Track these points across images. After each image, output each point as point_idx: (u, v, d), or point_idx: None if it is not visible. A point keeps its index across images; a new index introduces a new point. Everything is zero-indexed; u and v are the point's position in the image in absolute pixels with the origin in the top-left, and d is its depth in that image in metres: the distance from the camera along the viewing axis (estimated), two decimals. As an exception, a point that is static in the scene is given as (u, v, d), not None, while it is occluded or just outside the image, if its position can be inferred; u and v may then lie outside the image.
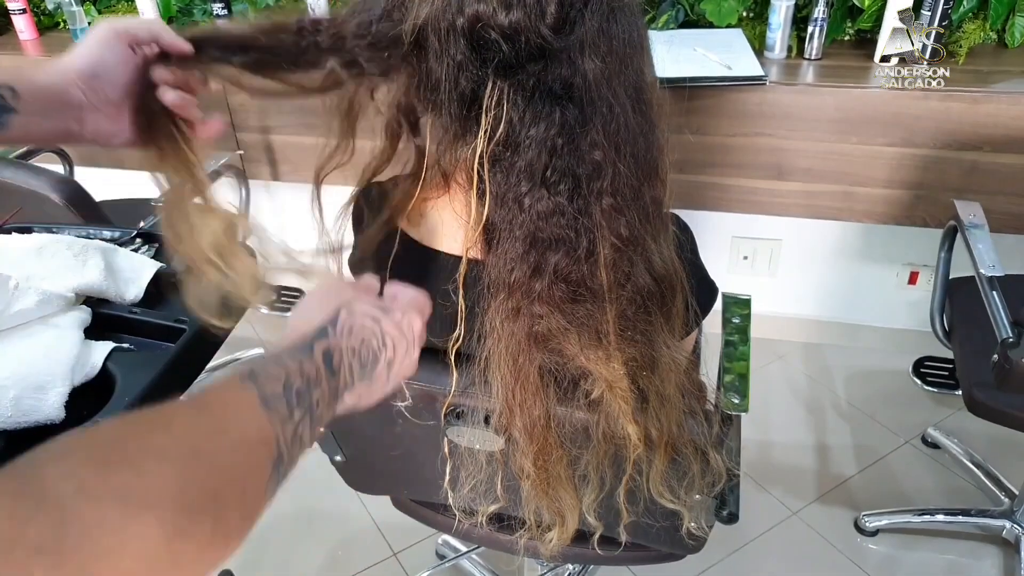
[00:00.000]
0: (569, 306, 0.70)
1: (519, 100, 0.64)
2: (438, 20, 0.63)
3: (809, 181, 1.65)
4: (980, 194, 1.55)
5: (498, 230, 0.69)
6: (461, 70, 0.64)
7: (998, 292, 1.28)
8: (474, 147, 0.67)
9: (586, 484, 0.82)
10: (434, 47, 0.64)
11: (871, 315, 2.15)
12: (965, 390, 1.38)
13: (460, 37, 0.63)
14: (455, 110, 0.66)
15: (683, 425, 0.78)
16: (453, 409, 0.80)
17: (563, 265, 0.68)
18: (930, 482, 1.78)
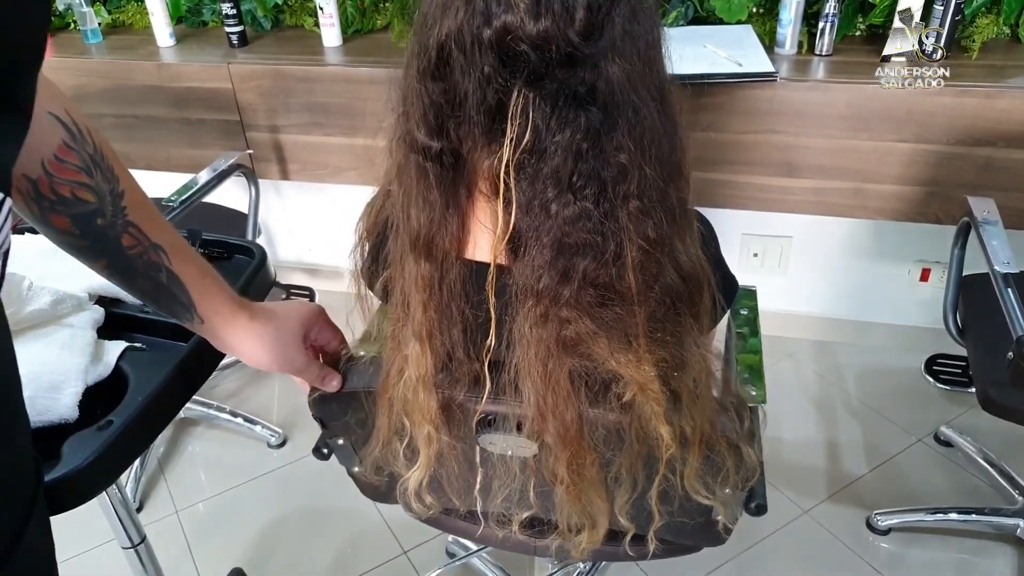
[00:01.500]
0: (598, 310, 0.70)
1: (545, 107, 0.64)
2: (462, 34, 0.62)
3: (820, 178, 1.64)
4: (994, 190, 1.53)
5: (524, 237, 0.69)
6: (488, 82, 0.63)
7: (1013, 289, 1.27)
8: (499, 156, 0.66)
9: (618, 486, 0.82)
10: (459, 62, 0.64)
11: (882, 312, 2.14)
12: (979, 388, 1.37)
13: (488, 49, 0.62)
14: (481, 121, 0.66)
15: (715, 422, 0.78)
16: (485, 417, 0.79)
17: (591, 270, 0.68)
18: (943, 481, 1.77)
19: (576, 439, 0.76)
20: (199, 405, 1.99)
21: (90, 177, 0.61)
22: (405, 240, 0.73)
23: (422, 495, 0.88)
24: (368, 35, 2.04)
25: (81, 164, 0.61)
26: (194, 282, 0.73)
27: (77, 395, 0.88)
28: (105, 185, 0.63)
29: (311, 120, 1.91)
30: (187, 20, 2.17)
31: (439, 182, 0.70)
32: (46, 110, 0.58)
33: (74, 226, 0.63)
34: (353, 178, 1.98)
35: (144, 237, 0.67)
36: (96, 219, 0.63)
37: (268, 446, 1.93)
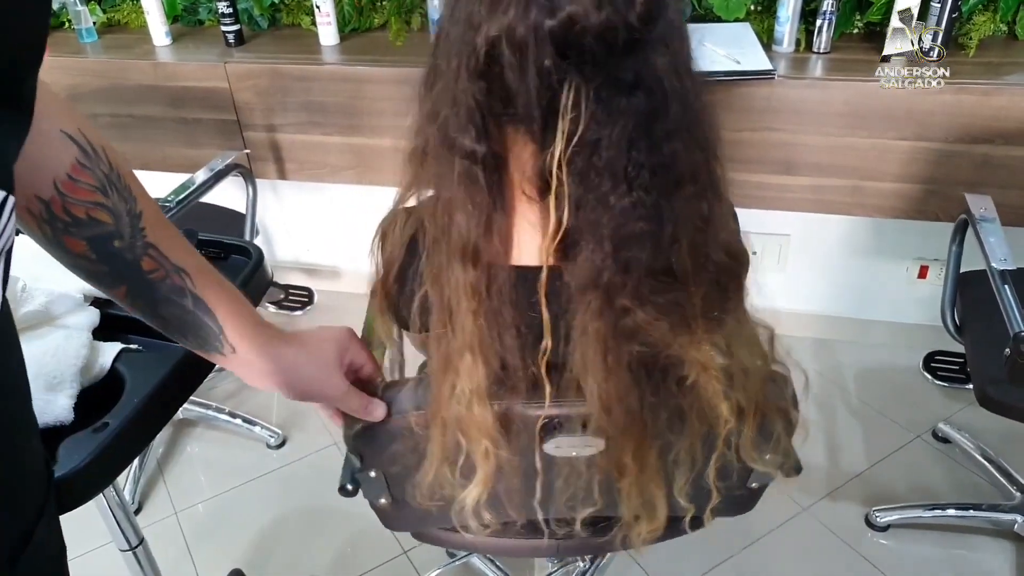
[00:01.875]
0: (658, 296, 0.71)
1: (598, 98, 0.64)
2: (516, 30, 0.62)
3: (818, 176, 1.64)
4: (992, 187, 1.53)
5: (579, 233, 0.69)
6: (542, 76, 0.63)
7: (1010, 286, 1.27)
8: (550, 152, 0.66)
9: (677, 468, 0.83)
10: (510, 59, 0.63)
11: (881, 310, 2.14)
12: (977, 385, 1.37)
13: (547, 42, 0.61)
14: (530, 119, 0.66)
15: (767, 391, 0.80)
16: (548, 422, 0.79)
17: (650, 258, 0.69)
18: (941, 477, 1.77)
19: (641, 429, 0.77)
20: (198, 406, 1.99)
21: (106, 197, 0.58)
22: (451, 249, 0.71)
23: (480, 512, 0.84)
24: (365, 33, 2.03)
25: (96, 183, 0.58)
26: (221, 306, 0.67)
27: (72, 397, 0.88)
28: (122, 205, 0.59)
29: (308, 119, 1.90)
30: (183, 19, 2.17)
31: (488, 186, 0.69)
32: (58, 128, 0.56)
33: (90, 249, 0.59)
34: (351, 177, 1.97)
35: (165, 260, 0.63)
36: (113, 241, 0.60)
37: (267, 447, 1.93)
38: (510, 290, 0.73)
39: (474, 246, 0.70)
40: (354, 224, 2.40)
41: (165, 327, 0.67)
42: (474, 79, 0.65)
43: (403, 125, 2.07)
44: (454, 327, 0.73)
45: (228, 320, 0.68)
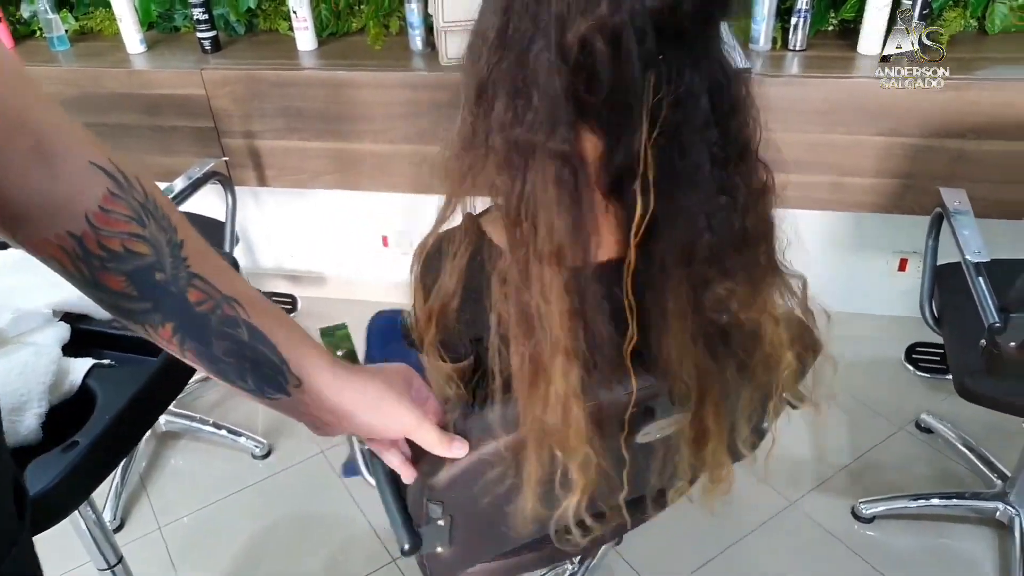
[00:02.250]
0: (736, 265, 0.75)
1: (679, 77, 0.65)
2: (611, 16, 0.62)
3: (798, 172, 1.65)
4: (966, 181, 1.55)
5: (664, 216, 0.70)
6: (633, 65, 0.64)
7: (984, 277, 1.28)
8: (635, 139, 0.66)
9: (743, 419, 0.87)
10: (603, 50, 0.63)
11: (863, 303, 2.16)
12: (956, 376, 1.38)
13: (643, 30, 0.62)
14: (614, 109, 0.67)
15: (806, 332, 0.85)
16: (636, 410, 0.79)
17: (731, 230, 0.73)
18: (925, 467, 1.79)
19: (722, 393, 0.80)
20: (181, 418, 1.98)
21: (142, 227, 0.54)
22: (539, 253, 0.70)
23: (583, 518, 0.82)
24: (343, 38, 2.02)
25: (131, 213, 0.53)
26: (280, 335, 0.61)
27: (40, 416, 0.87)
28: (161, 235, 0.55)
29: (287, 125, 1.89)
30: (158, 26, 2.15)
31: (576, 185, 0.68)
32: (87, 160, 0.52)
33: (131, 285, 0.54)
34: (332, 182, 1.97)
35: (213, 289, 0.58)
36: (155, 274, 0.55)
37: (252, 457, 1.92)
38: (597, 286, 0.73)
39: (567, 247, 0.69)
40: (337, 229, 2.39)
41: (221, 370, 0.61)
42: (565, 75, 0.64)
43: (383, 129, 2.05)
44: (544, 333, 0.72)
45: (290, 350, 0.62)
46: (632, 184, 0.68)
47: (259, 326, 0.60)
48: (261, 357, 0.61)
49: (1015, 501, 1.58)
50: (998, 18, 1.63)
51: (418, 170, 1.86)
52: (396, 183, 1.91)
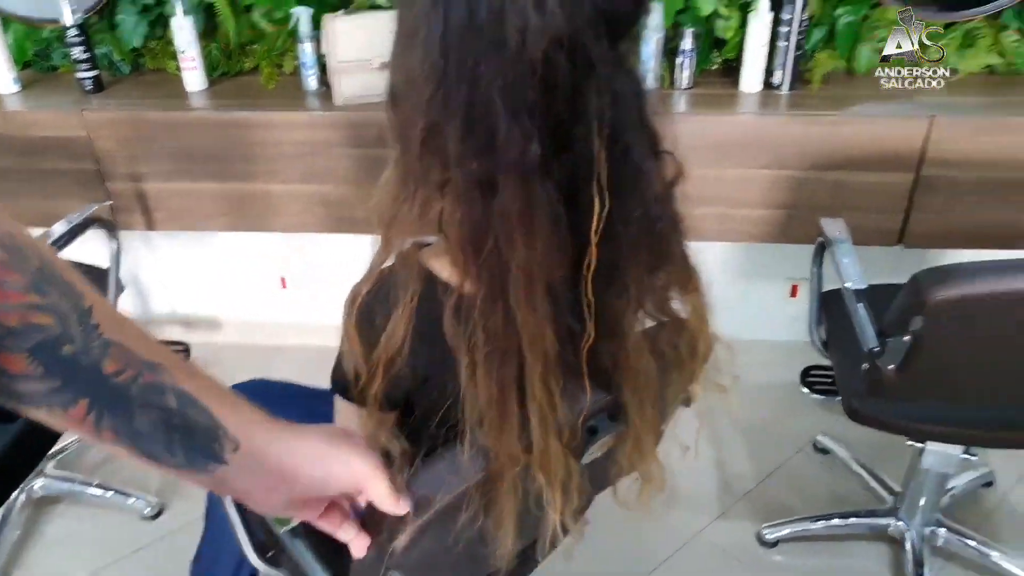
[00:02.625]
0: (669, 264, 0.79)
1: (616, 79, 0.67)
2: (562, 31, 0.62)
3: (689, 206, 1.70)
4: (846, 210, 1.63)
5: (612, 217, 0.70)
6: (586, 69, 0.65)
7: (864, 304, 1.34)
8: (588, 140, 0.67)
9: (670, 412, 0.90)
10: (560, 61, 0.63)
11: (757, 329, 2.23)
12: (844, 399, 1.44)
13: (593, 27, 0.63)
14: (575, 114, 0.67)
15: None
16: (585, 428, 0.79)
17: (669, 226, 0.77)
18: (823, 488, 1.85)
19: (657, 390, 0.82)
20: (61, 480, 1.84)
21: (41, 296, 0.48)
22: (515, 273, 0.68)
23: (569, 526, 0.81)
24: (235, 77, 1.98)
25: (27, 283, 0.48)
26: (211, 396, 0.56)
27: None
28: (65, 303, 0.49)
29: (176, 167, 1.83)
30: (35, 64, 2.05)
31: (548, 195, 0.67)
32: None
33: (34, 363, 0.48)
34: (225, 224, 1.90)
35: (133, 356, 0.52)
36: (62, 347, 0.49)
37: (142, 518, 1.81)
38: (566, 295, 0.72)
39: (546, 262, 0.69)
40: (232, 271, 2.31)
41: (145, 447, 0.54)
42: (529, 92, 0.64)
43: (278, 169, 2.00)
44: (518, 356, 0.71)
45: (224, 410, 0.57)
46: (588, 187, 0.68)
47: (188, 390, 0.55)
48: (193, 424, 0.55)
49: (905, 516, 1.65)
50: (864, 59, 1.74)
51: (315, 210, 1.83)
52: (292, 223, 1.87)
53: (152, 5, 1.92)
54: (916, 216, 1.66)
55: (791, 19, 1.62)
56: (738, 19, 1.70)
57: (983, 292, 1.11)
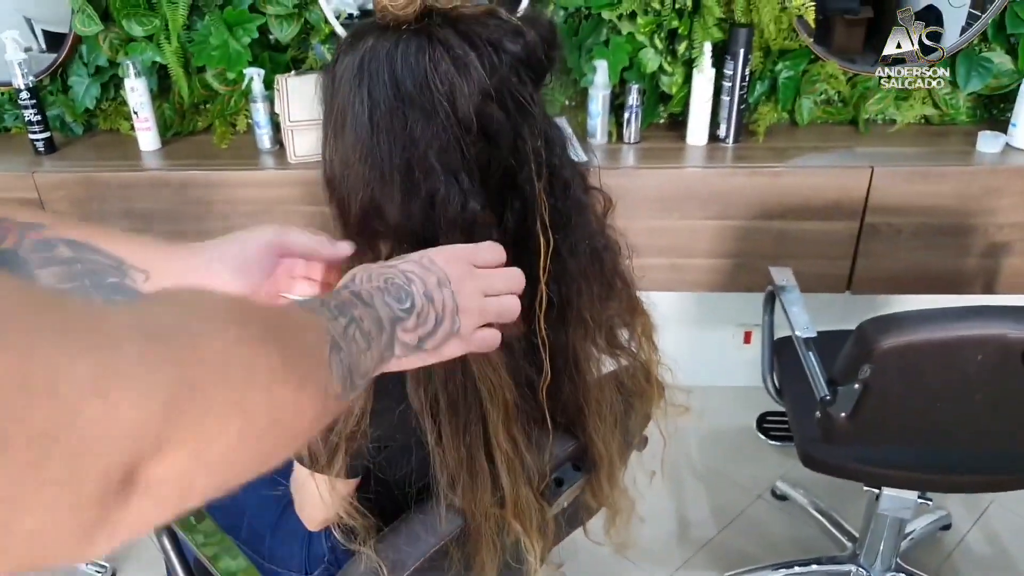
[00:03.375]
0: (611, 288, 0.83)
1: (543, 122, 0.71)
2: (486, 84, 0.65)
3: (638, 257, 1.72)
4: (791, 258, 1.67)
5: (564, 248, 0.74)
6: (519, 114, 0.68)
7: (814, 352, 1.36)
8: (530, 181, 0.69)
9: (633, 444, 0.92)
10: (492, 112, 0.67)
11: (712, 376, 2.25)
12: (799, 446, 1.45)
13: (522, 74, 0.67)
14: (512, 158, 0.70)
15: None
16: (552, 479, 0.81)
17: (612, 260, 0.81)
18: (783, 534, 1.85)
19: (619, 421, 0.84)
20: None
21: None
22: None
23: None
24: (189, 137, 1.98)
25: None
26: (104, 238, 0.56)
27: None
28: None
29: (131, 226, 1.81)
30: (-13, 127, 2.04)
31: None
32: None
33: None
34: (179, 284, 1.88)
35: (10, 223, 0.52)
36: None
37: (93, 584, 1.75)
38: (520, 339, 0.75)
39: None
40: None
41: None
42: (468, 149, 0.67)
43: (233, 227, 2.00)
44: (481, 412, 0.72)
45: (120, 249, 0.56)
46: (533, 227, 0.71)
47: (77, 238, 0.55)
48: (95, 266, 0.55)
49: (864, 562, 1.65)
50: (805, 111, 1.80)
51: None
52: (248, 282, 1.86)
53: (105, 67, 1.93)
54: (862, 263, 1.70)
55: (733, 74, 1.68)
56: (682, 74, 1.76)
57: (927, 339, 1.14)
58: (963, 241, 1.66)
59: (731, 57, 1.67)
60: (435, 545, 0.73)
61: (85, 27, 1.82)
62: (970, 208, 1.63)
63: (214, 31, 1.79)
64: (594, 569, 1.71)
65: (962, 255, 1.68)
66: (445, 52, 0.65)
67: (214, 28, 1.79)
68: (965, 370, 1.17)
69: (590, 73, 1.73)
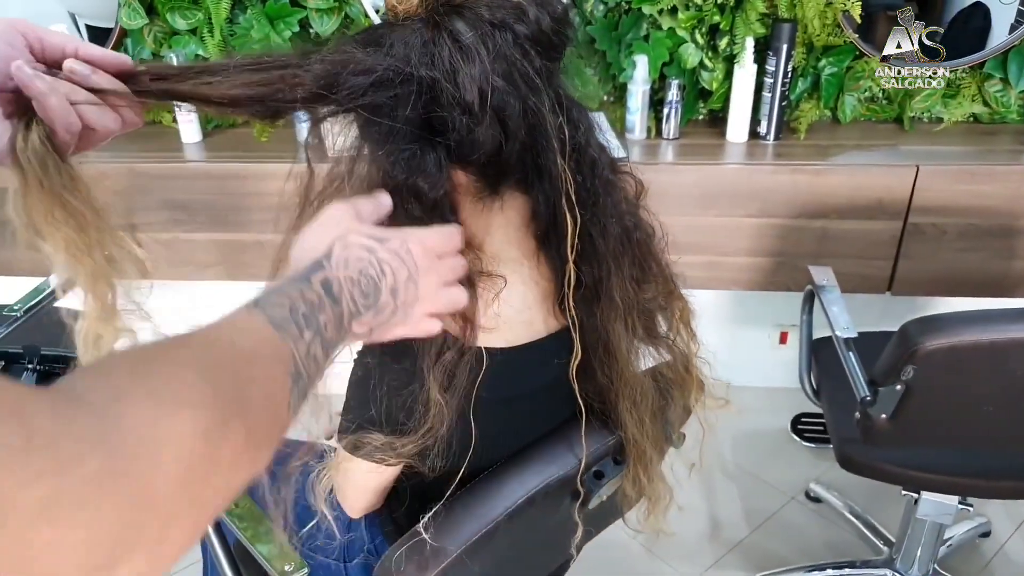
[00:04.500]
0: (648, 269, 0.83)
1: (562, 98, 0.70)
2: (506, 55, 0.66)
3: (675, 253, 1.71)
4: (832, 258, 1.65)
5: (593, 227, 0.74)
6: (530, 93, 0.67)
7: (854, 352, 1.35)
8: (552, 159, 0.69)
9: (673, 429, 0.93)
10: (509, 91, 0.67)
11: (747, 376, 2.23)
12: (836, 447, 1.43)
13: (530, 45, 0.67)
14: (533, 136, 0.70)
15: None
16: (592, 473, 0.82)
17: (644, 244, 0.81)
18: (817, 537, 1.83)
19: (656, 408, 0.85)
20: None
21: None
22: None
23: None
24: (230, 130, 2.01)
25: None
26: None
27: None
28: None
29: (171, 217, 1.84)
30: (34, 118, 2.08)
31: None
32: None
33: None
34: (218, 274, 1.91)
35: None
36: None
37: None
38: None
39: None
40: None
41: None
42: (485, 131, 0.67)
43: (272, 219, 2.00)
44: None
45: None
46: (559, 204, 0.71)
47: None
48: None
49: (901, 567, 1.63)
50: (848, 108, 1.77)
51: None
52: (285, 273, 1.88)
53: (149, 60, 1.96)
54: (904, 264, 1.68)
55: (775, 70, 1.66)
56: (723, 70, 1.74)
57: (973, 341, 1.12)
58: (1011, 243, 1.62)
59: (773, 53, 1.65)
60: (478, 532, 0.74)
61: (131, 21, 1.85)
62: (1019, 209, 1.59)
63: (256, 24, 1.81)
64: (625, 566, 1.71)
65: (1009, 258, 1.64)
66: (449, 39, 0.66)
67: (256, 22, 1.81)
68: (1012, 374, 1.15)
69: (629, 68, 1.72)
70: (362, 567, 0.95)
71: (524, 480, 0.78)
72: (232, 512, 0.94)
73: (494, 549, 0.76)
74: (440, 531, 0.73)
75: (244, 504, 0.96)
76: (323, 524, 0.92)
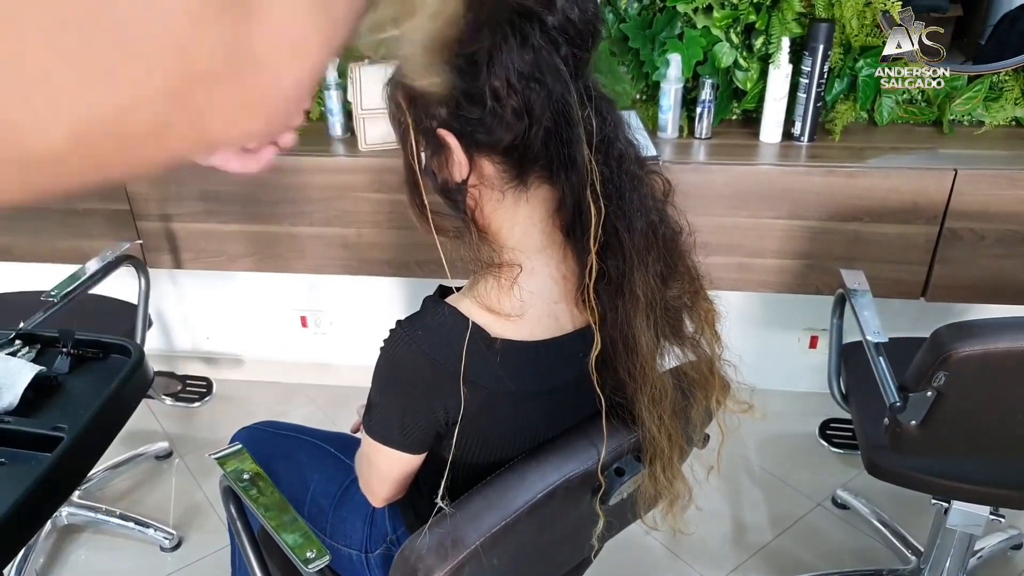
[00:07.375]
0: (674, 267, 0.83)
1: (590, 91, 0.71)
2: (533, 45, 0.67)
3: (705, 255, 1.70)
4: (864, 261, 1.62)
5: (619, 219, 0.74)
6: (559, 86, 0.69)
7: (884, 358, 1.33)
8: (579, 150, 0.70)
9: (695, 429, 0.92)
10: (532, 83, 0.68)
11: (776, 379, 2.20)
12: (864, 453, 1.41)
13: (558, 35, 0.68)
14: (560, 124, 0.71)
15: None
16: (612, 470, 0.83)
17: (669, 241, 0.81)
18: (843, 543, 1.81)
19: (677, 406, 0.85)
20: (85, 509, 1.87)
21: None
22: None
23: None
24: (264, 122, 2.03)
25: None
26: None
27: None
28: None
29: (205, 208, 1.88)
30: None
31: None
32: None
33: None
34: (250, 264, 1.94)
35: None
36: None
37: (161, 549, 1.82)
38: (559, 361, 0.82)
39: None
40: (254, 310, 2.34)
41: None
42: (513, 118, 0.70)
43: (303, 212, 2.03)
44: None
45: None
46: (584, 195, 0.72)
47: None
48: None
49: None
50: (886, 111, 1.74)
51: (338, 252, 1.86)
52: (315, 265, 1.90)
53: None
54: (939, 269, 1.64)
55: (811, 71, 1.64)
56: (757, 70, 1.72)
57: (1007, 348, 1.09)
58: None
59: (809, 53, 1.63)
60: (498, 524, 0.74)
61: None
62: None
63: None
64: (648, 567, 1.71)
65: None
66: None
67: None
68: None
69: (663, 67, 1.71)
70: (383, 557, 0.96)
71: (545, 475, 0.79)
72: (258, 501, 0.96)
73: (513, 543, 0.77)
74: (461, 522, 0.74)
75: (270, 494, 0.98)
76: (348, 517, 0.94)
